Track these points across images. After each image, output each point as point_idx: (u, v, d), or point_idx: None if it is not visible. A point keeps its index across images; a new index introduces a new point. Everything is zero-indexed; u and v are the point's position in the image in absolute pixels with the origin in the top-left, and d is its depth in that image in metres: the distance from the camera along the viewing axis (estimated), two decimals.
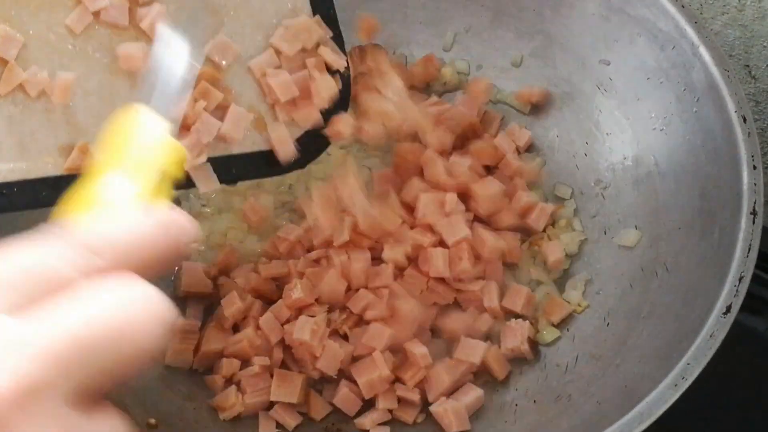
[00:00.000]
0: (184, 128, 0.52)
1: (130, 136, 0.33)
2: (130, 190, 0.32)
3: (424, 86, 0.78)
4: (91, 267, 0.26)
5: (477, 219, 0.68)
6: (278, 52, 0.57)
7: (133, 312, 0.26)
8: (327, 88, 0.57)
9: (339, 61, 0.58)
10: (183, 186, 0.50)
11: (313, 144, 0.57)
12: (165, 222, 0.29)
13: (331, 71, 0.58)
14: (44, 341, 0.24)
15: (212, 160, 0.53)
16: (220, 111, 0.54)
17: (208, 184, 0.53)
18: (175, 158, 0.34)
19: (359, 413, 0.63)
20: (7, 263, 0.26)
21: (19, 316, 0.24)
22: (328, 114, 0.58)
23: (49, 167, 0.47)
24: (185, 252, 0.30)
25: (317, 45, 0.58)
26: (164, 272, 0.29)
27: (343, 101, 0.59)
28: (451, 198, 0.67)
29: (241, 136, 0.54)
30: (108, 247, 0.27)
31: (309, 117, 0.57)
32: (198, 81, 0.53)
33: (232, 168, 0.54)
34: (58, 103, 0.48)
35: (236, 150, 0.54)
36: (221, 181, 0.54)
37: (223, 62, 0.54)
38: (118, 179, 0.32)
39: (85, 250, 0.27)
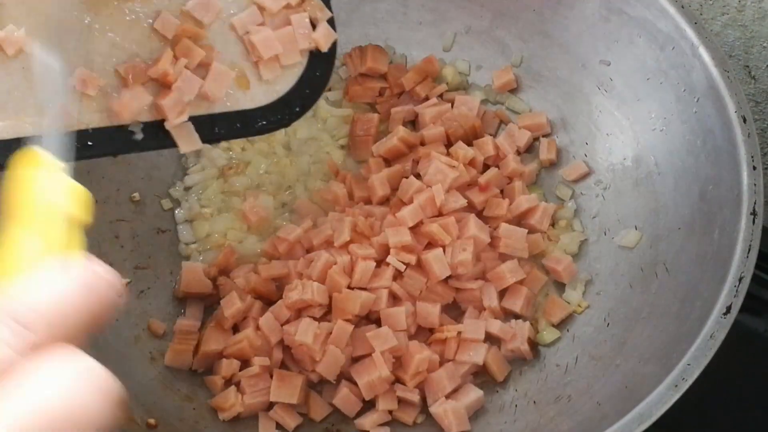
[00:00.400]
0: (165, 87, 0.51)
1: (31, 186, 0.31)
2: (43, 246, 0.30)
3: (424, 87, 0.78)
4: (25, 343, 0.26)
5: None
6: (261, 9, 0.55)
7: (78, 392, 0.25)
8: (326, 36, 0.56)
9: (325, 13, 0.57)
10: (165, 146, 0.50)
11: (297, 102, 0.56)
12: (88, 280, 0.28)
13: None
14: None
15: (194, 120, 0.52)
16: (202, 69, 0.52)
17: (189, 143, 0.52)
18: (80, 202, 0.32)
19: (359, 414, 0.63)
20: None
21: None
22: (310, 85, 0.56)
23: (28, 127, 0.46)
24: (114, 306, 0.28)
25: (302, 1, 0.57)
26: (96, 331, 0.28)
27: (327, 69, 0.57)
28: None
29: (223, 95, 0.53)
30: (37, 317, 0.26)
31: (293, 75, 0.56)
32: (179, 38, 0.51)
33: (215, 127, 0.53)
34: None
35: (218, 109, 0.53)
36: (204, 141, 0.52)
37: (205, 19, 0.53)
38: (30, 236, 0.30)
39: (15, 324, 0.26)
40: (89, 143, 0.48)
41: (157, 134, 0.51)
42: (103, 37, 0.50)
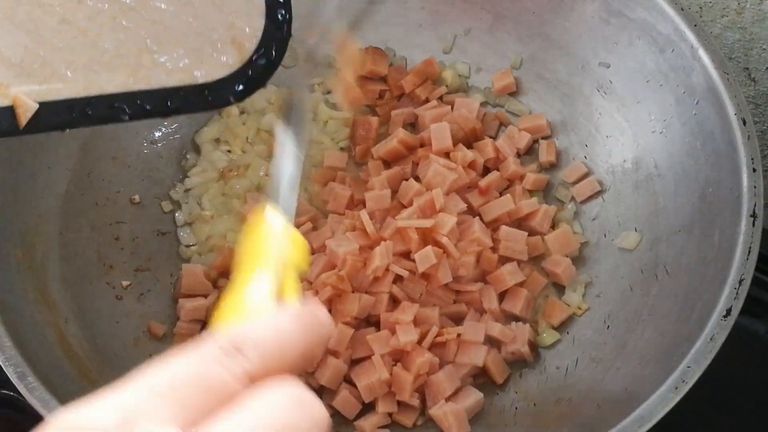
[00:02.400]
0: None
1: (265, 238, 0.35)
2: (270, 290, 0.33)
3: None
4: (248, 373, 0.27)
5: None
6: None
7: (296, 420, 0.27)
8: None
9: None
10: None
11: (254, 76, 0.52)
12: (304, 318, 0.30)
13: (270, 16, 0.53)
14: None
15: (146, 93, 0.49)
16: None
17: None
18: (301, 252, 0.36)
19: (359, 416, 0.63)
20: (172, 374, 0.26)
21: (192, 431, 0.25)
22: (265, 62, 0.52)
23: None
24: (326, 341, 0.31)
25: None
26: (308, 367, 0.30)
27: (283, 37, 0.56)
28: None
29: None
30: (258, 350, 0.28)
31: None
32: None
33: (168, 101, 0.50)
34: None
35: (170, 83, 0.50)
36: (157, 115, 0.50)
37: None
38: (259, 281, 0.33)
39: (238, 355, 0.27)
40: None
41: None
42: None
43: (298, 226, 0.69)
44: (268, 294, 0.33)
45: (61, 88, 0.46)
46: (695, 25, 0.64)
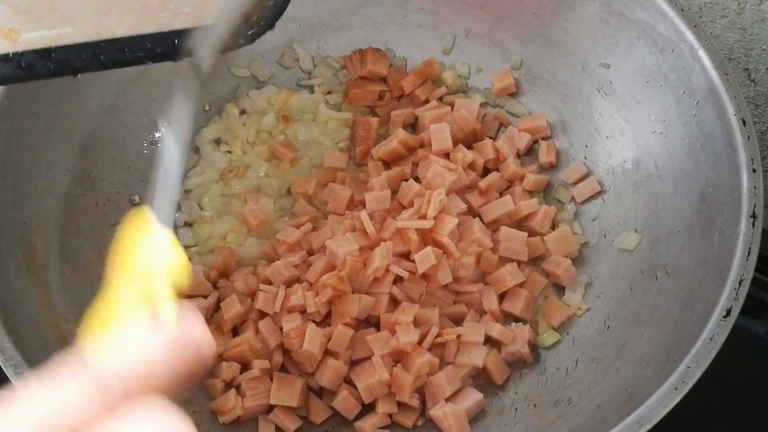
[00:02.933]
0: None
1: (140, 247, 0.33)
2: (140, 300, 0.32)
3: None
4: (108, 401, 0.27)
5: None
6: None
7: None
8: None
9: None
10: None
11: (263, 17, 0.50)
12: (178, 340, 0.29)
13: None
14: None
15: (156, 36, 0.48)
16: None
17: None
18: (180, 265, 0.34)
19: (359, 417, 0.63)
20: (40, 413, 0.26)
21: None
22: (273, 3, 0.50)
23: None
24: (205, 365, 0.30)
25: None
26: (186, 387, 0.29)
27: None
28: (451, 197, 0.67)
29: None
30: (124, 384, 0.27)
31: None
32: None
33: (178, 42, 0.48)
34: None
35: (179, 25, 0.48)
36: (167, 58, 0.48)
37: None
38: (132, 293, 0.32)
39: (105, 391, 0.27)
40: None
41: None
42: None
43: (298, 226, 0.69)
44: (138, 305, 0.31)
45: (71, 32, 0.45)
46: (695, 26, 0.64)
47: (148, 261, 0.33)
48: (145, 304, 0.31)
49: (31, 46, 0.45)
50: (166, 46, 0.47)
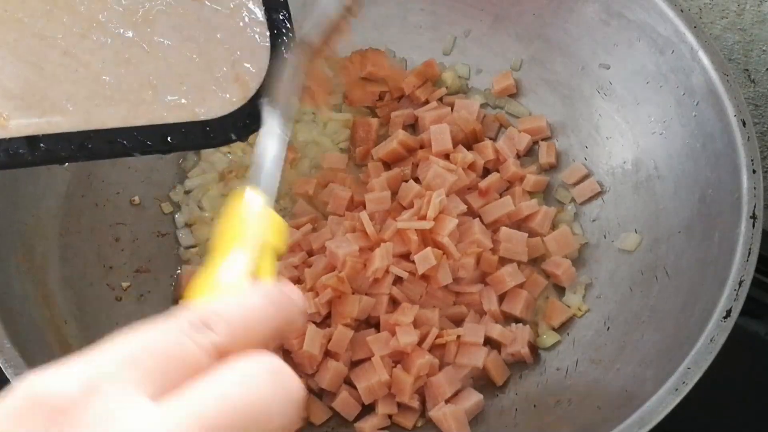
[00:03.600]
0: None
1: (244, 219, 0.36)
2: (244, 268, 0.34)
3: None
4: (216, 347, 0.27)
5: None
6: None
7: (268, 391, 0.26)
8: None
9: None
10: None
11: (257, 113, 0.51)
12: (275, 295, 0.30)
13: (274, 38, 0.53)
14: (180, 427, 0.24)
15: (147, 129, 0.49)
16: None
17: None
18: (279, 232, 0.36)
19: (359, 418, 0.63)
20: (140, 344, 0.26)
21: (159, 401, 0.25)
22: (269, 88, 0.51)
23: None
24: (298, 322, 0.31)
25: None
26: (280, 343, 0.30)
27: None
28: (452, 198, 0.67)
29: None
30: (226, 325, 0.28)
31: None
32: None
33: (169, 137, 0.50)
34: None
35: (171, 119, 0.50)
36: (157, 152, 0.49)
37: None
38: (234, 260, 0.34)
39: (207, 330, 0.27)
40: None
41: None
42: None
43: (298, 227, 0.69)
44: (242, 272, 0.33)
45: (60, 121, 0.45)
46: (695, 27, 0.64)
47: (251, 231, 0.35)
48: (247, 269, 0.33)
49: (19, 132, 0.45)
50: (157, 140, 0.47)
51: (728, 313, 0.54)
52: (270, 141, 0.41)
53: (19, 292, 0.59)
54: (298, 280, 0.66)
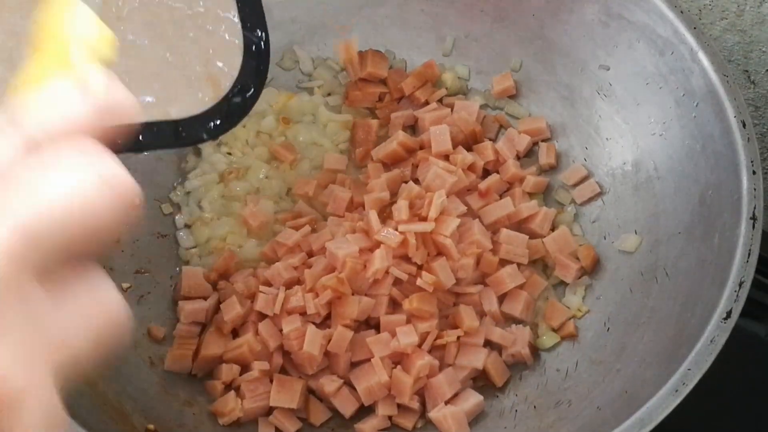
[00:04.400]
0: None
1: (60, 17, 0.33)
2: (68, 68, 0.31)
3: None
4: (28, 143, 0.25)
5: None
6: None
7: (87, 189, 0.25)
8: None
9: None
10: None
11: (228, 113, 0.51)
12: (107, 102, 0.28)
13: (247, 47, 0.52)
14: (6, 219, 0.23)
15: (116, 127, 0.50)
16: None
17: None
18: (103, 37, 0.34)
19: (359, 418, 0.63)
20: None
21: None
22: (240, 100, 0.52)
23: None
24: (128, 120, 0.29)
25: None
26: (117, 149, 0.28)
27: (260, 76, 0.53)
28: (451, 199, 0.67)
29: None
30: (53, 130, 0.26)
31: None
32: None
33: (140, 135, 0.48)
34: None
35: (143, 118, 0.48)
36: (127, 150, 0.50)
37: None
38: (52, 60, 0.31)
39: (16, 126, 0.26)
40: None
41: None
42: None
43: (297, 228, 0.69)
44: (64, 73, 0.31)
45: None
46: (695, 28, 0.64)
47: (72, 30, 0.32)
48: (70, 69, 0.31)
49: None
50: (128, 139, 0.47)
51: (728, 314, 0.54)
52: None
53: None
54: (297, 281, 0.66)
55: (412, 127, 0.76)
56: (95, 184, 0.25)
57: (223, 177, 0.74)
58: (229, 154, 0.75)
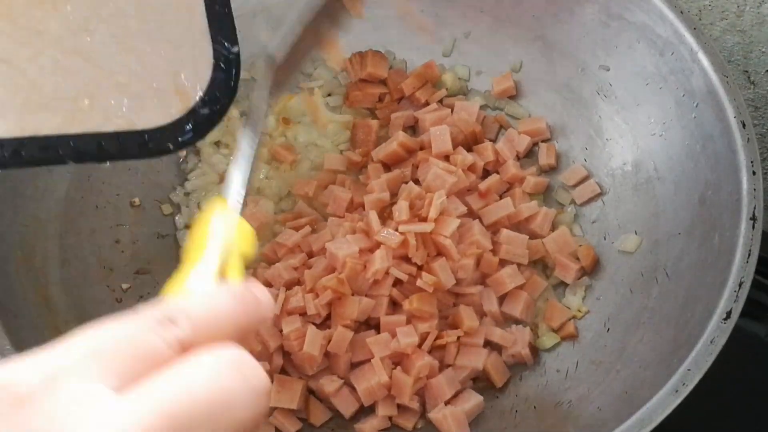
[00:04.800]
0: None
1: (212, 227, 0.38)
2: (212, 271, 0.35)
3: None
4: (180, 342, 0.28)
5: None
6: None
7: (231, 383, 0.27)
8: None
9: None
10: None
11: (196, 125, 0.51)
12: (240, 294, 0.31)
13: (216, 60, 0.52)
14: (142, 419, 0.24)
15: (82, 137, 0.48)
16: None
17: None
18: (247, 238, 0.39)
19: (359, 419, 0.63)
20: (103, 337, 0.27)
21: (122, 393, 0.25)
22: (208, 112, 0.51)
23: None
24: (263, 320, 0.32)
25: None
26: (243, 340, 0.31)
27: (229, 89, 0.52)
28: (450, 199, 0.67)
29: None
30: (191, 320, 0.28)
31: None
32: None
33: (104, 145, 0.49)
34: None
35: (109, 128, 0.49)
36: (92, 160, 0.48)
37: None
38: (203, 264, 0.36)
39: (171, 325, 0.28)
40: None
41: None
42: None
43: (297, 228, 0.69)
44: (210, 274, 0.35)
45: None
46: (694, 28, 0.64)
47: (220, 238, 0.37)
48: (215, 272, 0.35)
49: None
50: (91, 148, 0.47)
51: (728, 314, 0.54)
52: (240, 159, 0.44)
53: (19, 294, 0.59)
54: (297, 282, 0.66)
55: (413, 128, 0.76)
56: (239, 383, 0.27)
57: (223, 177, 0.74)
58: (230, 154, 0.75)
